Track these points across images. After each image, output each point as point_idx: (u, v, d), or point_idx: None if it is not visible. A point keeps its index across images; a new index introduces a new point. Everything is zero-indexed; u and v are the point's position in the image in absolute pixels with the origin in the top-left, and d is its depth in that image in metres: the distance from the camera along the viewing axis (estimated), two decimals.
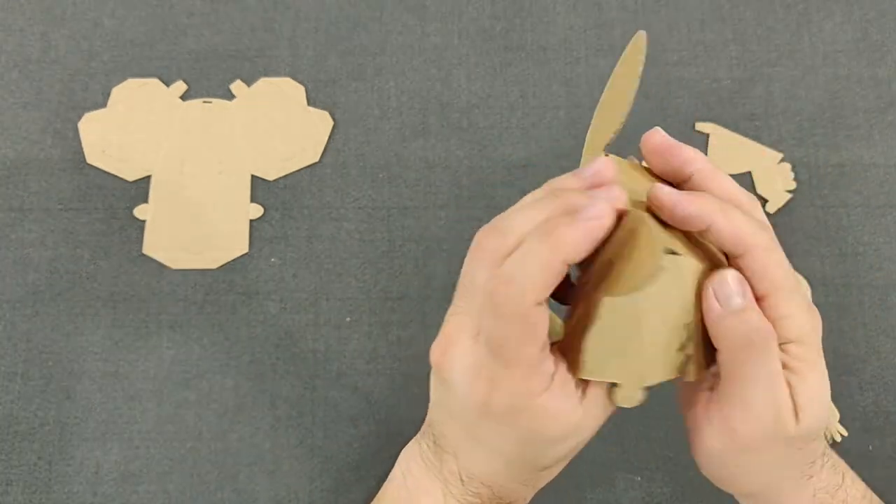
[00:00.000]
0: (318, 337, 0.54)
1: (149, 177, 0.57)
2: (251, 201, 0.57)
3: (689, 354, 0.32)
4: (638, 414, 0.53)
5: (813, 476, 0.35)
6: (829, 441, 0.50)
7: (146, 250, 0.56)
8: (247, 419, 0.52)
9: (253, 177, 0.58)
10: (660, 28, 0.62)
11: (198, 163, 0.58)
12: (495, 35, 0.62)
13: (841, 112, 0.60)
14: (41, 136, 0.58)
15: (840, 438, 0.51)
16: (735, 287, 0.31)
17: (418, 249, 0.56)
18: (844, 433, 0.51)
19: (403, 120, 0.59)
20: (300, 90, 0.60)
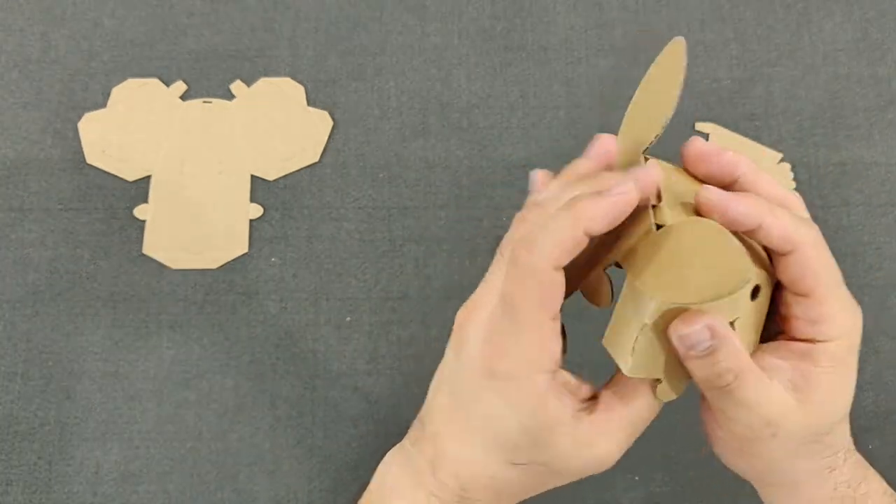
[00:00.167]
0: (318, 337, 0.54)
1: (149, 177, 0.58)
2: (251, 201, 0.57)
3: None
4: None
5: (835, 469, 0.35)
6: None
7: (146, 250, 0.56)
8: (247, 419, 0.52)
9: (253, 177, 0.58)
10: (660, 28, 0.62)
11: (198, 163, 0.58)
12: (495, 35, 0.62)
13: (841, 111, 0.60)
14: (41, 136, 0.58)
15: None
16: (699, 336, 0.31)
17: (418, 249, 0.56)
18: None
19: (403, 120, 0.60)
20: (300, 90, 0.60)
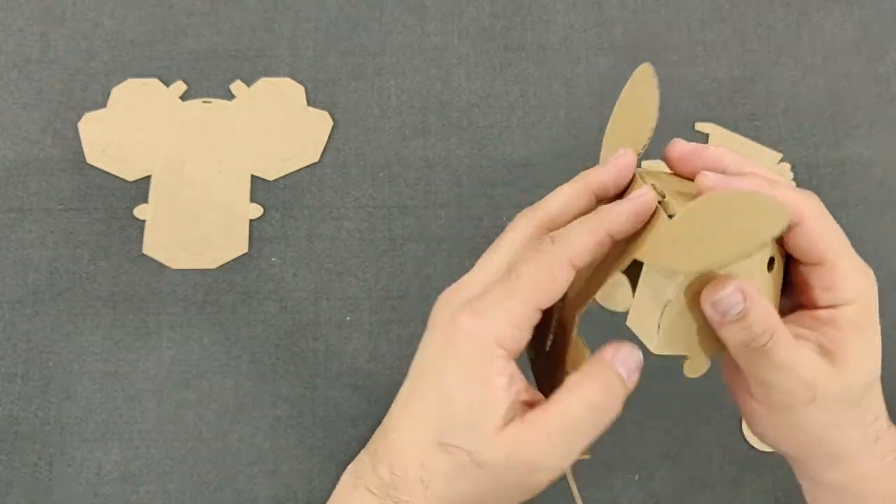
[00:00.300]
0: (319, 336, 0.54)
1: (149, 177, 0.58)
2: (251, 201, 0.57)
3: None
4: (637, 414, 0.53)
5: (881, 438, 0.35)
6: None
7: (146, 250, 0.56)
8: (247, 419, 0.52)
9: (253, 177, 0.58)
10: (660, 28, 0.62)
11: (198, 163, 0.58)
12: (495, 35, 0.62)
13: (841, 111, 0.60)
14: (41, 136, 0.58)
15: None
16: (733, 299, 0.32)
17: (419, 248, 0.56)
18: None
19: (403, 119, 0.60)
20: (300, 90, 0.60)
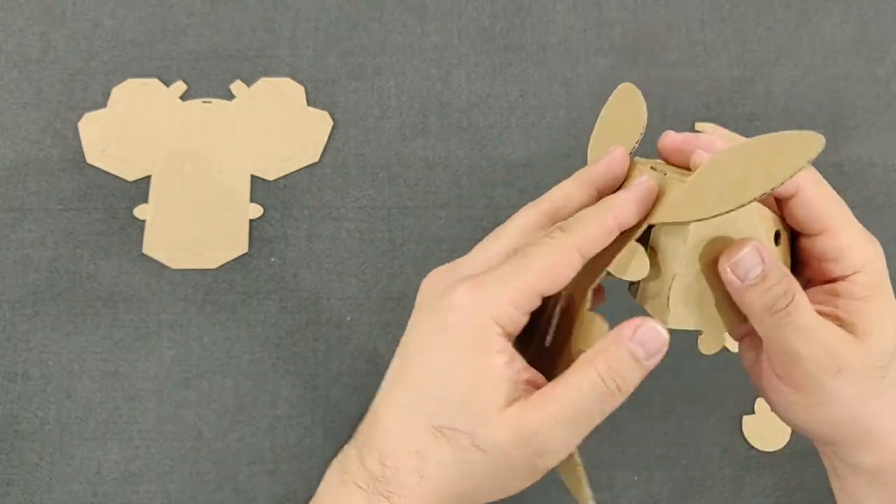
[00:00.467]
0: (319, 336, 0.54)
1: (149, 177, 0.58)
2: (251, 201, 0.57)
3: None
4: (638, 414, 0.53)
5: None
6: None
7: (146, 250, 0.56)
8: (247, 419, 0.52)
9: (253, 177, 0.58)
10: (660, 28, 0.62)
11: (198, 163, 0.58)
12: (495, 35, 0.62)
13: (840, 112, 0.60)
14: (41, 136, 0.58)
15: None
16: (752, 260, 0.31)
17: (418, 249, 0.56)
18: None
19: (403, 120, 0.60)
20: (300, 90, 0.60)
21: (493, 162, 0.59)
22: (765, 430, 0.52)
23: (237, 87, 0.60)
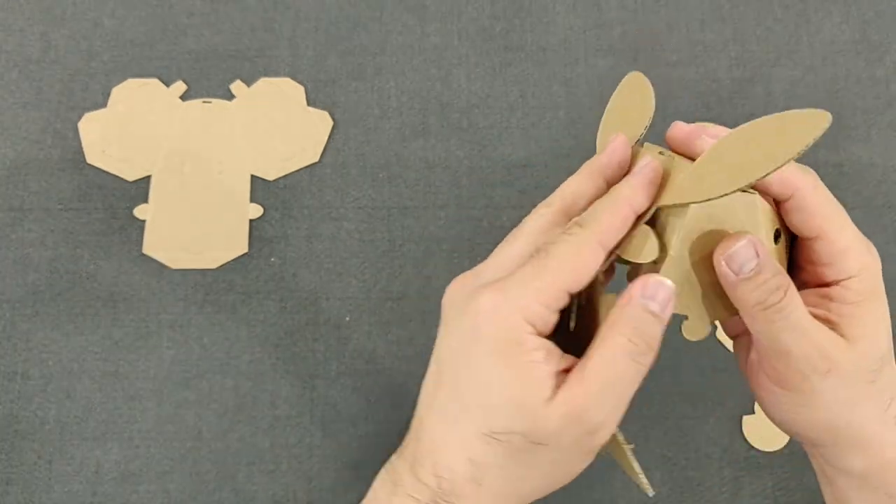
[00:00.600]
0: (318, 337, 0.54)
1: (149, 177, 0.58)
2: (251, 201, 0.57)
3: None
4: (637, 414, 0.53)
5: None
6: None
7: (146, 250, 0.56)
8: (246, 419, 0.52)
9: (253, 177, 0.58)
10: (660, 28, 0.62)
11: (198, 163, 0.58)
12: (495, 35, 0.62)
13: (840, 112, 0.60)
14: (41, 136, 0.59)
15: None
16: (746, 253, 0.31)
17: (418, 249, 0.56)
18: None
19: (403, 120, 0.60)
20: (300, 90, 0.60)
21: (493, 162, 0.59)
22: (764, 430, 0.52)
23: (237, 87, 0.60)
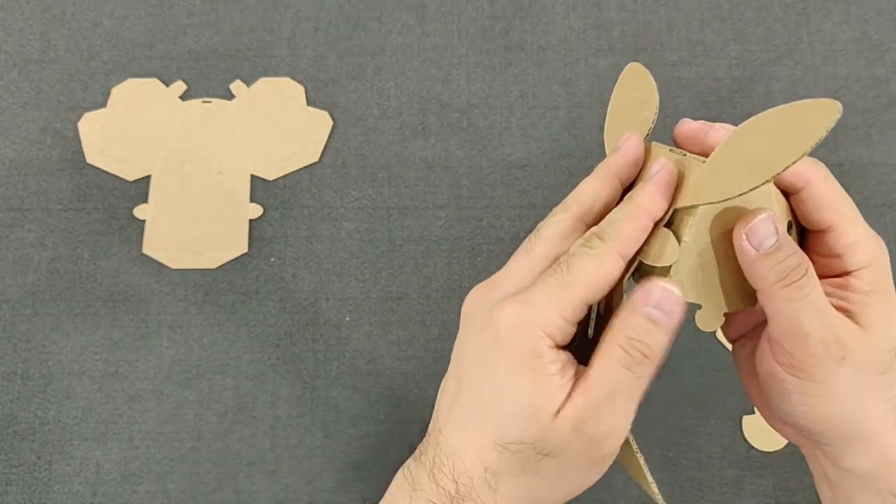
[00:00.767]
0: (318, 337, 0.54)
1: (149, 177, 0.58)
2: (251, 201, 0.57)
3: None
4: (637, 414, 0.53)
5: None
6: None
7: (146, 250, 0.56)
8: (247, 419, 0.52)
9: (253, 177, 0.58)
10: (660, 28, 0.62)
11: (198, 163, 0.58)
12: (495, 35, 0.62)
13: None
14: (41, 136, 0.59)
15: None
16: (767, 228, 0.31)
17: (418, 249, 0.56)
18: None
19: (403, 120, 0.60)
20: (300, 90, 0.60)
21: (493, 162, 0.59)
22: (765, 431, 0.52)
23: (237, 86, 0.60)
